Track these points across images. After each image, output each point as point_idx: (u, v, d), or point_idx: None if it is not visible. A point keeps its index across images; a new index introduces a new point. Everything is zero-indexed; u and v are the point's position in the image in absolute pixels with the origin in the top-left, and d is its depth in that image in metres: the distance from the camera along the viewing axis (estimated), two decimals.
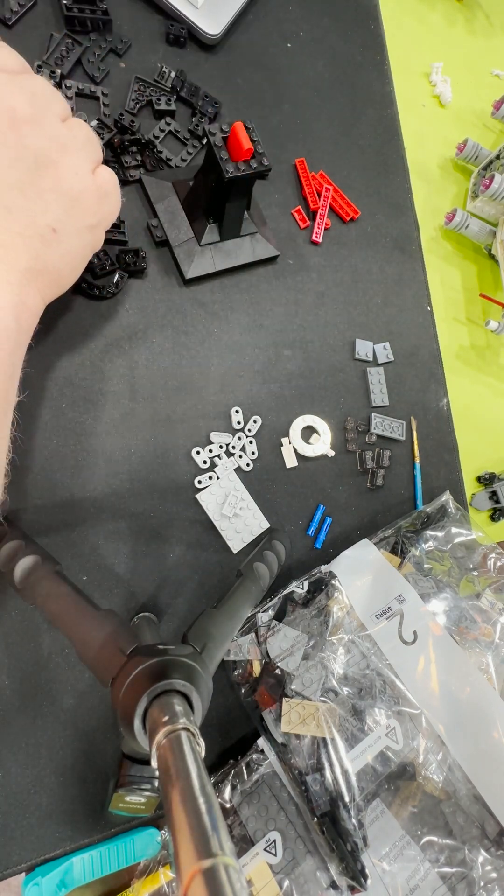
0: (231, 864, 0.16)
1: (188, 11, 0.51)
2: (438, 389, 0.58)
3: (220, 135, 0.40)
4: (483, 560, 0.49)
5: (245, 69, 0.55)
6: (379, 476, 0.53)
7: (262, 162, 0.41)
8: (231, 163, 0.40)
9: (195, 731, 0.22)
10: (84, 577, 0.42)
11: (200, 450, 0.46)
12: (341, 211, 0.57)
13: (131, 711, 0.24)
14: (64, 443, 0.42)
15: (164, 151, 0.49)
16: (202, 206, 0.46)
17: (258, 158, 0.41)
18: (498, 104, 0.91)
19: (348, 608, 0.44)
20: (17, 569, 0.34)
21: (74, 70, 0.47)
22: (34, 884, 0.38)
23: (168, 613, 0.44)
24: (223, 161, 0.40)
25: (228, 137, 0.40)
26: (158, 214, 0.46)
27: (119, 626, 0.31)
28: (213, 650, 0.31)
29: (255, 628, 0.44)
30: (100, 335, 0.45)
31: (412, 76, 0.92)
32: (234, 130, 0.40)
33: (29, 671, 0.39)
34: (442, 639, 0.43)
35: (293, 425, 0.50)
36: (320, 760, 0.38)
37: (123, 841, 0.41)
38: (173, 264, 0.48)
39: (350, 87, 0.61)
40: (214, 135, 0.40)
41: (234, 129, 0.40)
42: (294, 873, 0.38)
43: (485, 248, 0.87)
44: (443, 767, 0.40)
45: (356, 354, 0.55)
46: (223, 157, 0.40)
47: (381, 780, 0.39)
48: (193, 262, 0.46)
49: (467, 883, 0.37)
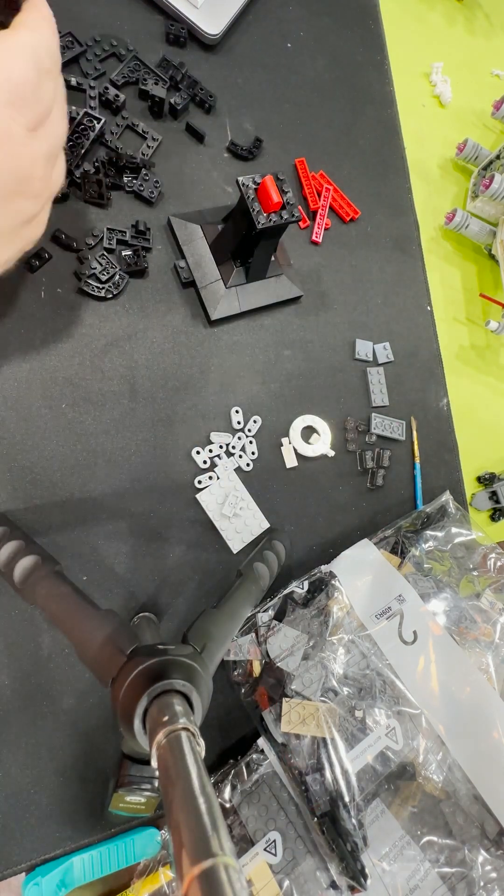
0: (231, 864, 0.16)
1: (188, 11, 0.51)
2: (438, 389, 0.58)
3: (252, 186, 0.41)
4: (483, 560, 0.49)
5: (245, 69, 0.55)
6: (379, 476, 0.53)
7: (292, 213, 0.42)
8: (263, 214, 0.41)
9: (195, 731, 0.22)
10: (84, 577, 0.42)
11: (200, 450, 0.46)
12: (341, 211, 0.57)
13: (131, 711, 0.24)
14: (64, 443, 0.42)
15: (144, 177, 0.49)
16: (230, 251, 0.47)
17: (289, 210, 0.42)
18: (498, 104, 0.91)
19: (348, 608, 0.44)
20: (17, 569, 0.34)
21: (70, 67, 0.48)
22: (34, 884, 0.38)
23: (168, 613, 0.44)
24: (255, 213, 0.41)
25: (259, 189, 0.41)
26: (186, 256, 0.47)
27: (119, 626, 0.31)
28: (213, 650, 0.31)
29: (255, 628, 0.44)
30: (100, 335, 0.45)
31: (412, 76, 0.92)
32: (265, 184, 0.40)
33: (29, 671, 0.39)
34: (442, 639, 0.43)
35: (293, 425, 0.50)
36: (320, 760, 0.38)
37: (123, 841, 0.41)
38: (199, 304, 0.48)
39: (350, 87, 0.61)
40: (247, 186, 0.41)
41: (265, 182, 0.40)
42: (294, 873, 0.38)
43: (485, 248, 0.87)
44: (443, 767, 0.40)
45: (356, 354, 0.55)
46: (255, 209, 0.41)
47: (381, 780, 0.39)
48: (219, 304, 0.47)
49: (467, 883, 0.37)
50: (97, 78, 0.48)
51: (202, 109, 0.52)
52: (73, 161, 0.45)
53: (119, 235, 0.46)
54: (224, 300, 0.47)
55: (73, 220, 0.46)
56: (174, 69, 0.50)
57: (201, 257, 0.47)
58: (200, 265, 0.47)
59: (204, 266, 0.47)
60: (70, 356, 0.44)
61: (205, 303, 0.47)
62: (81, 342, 0.44)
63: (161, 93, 0.48)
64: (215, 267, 0.47)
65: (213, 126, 0.52)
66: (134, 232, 0.47)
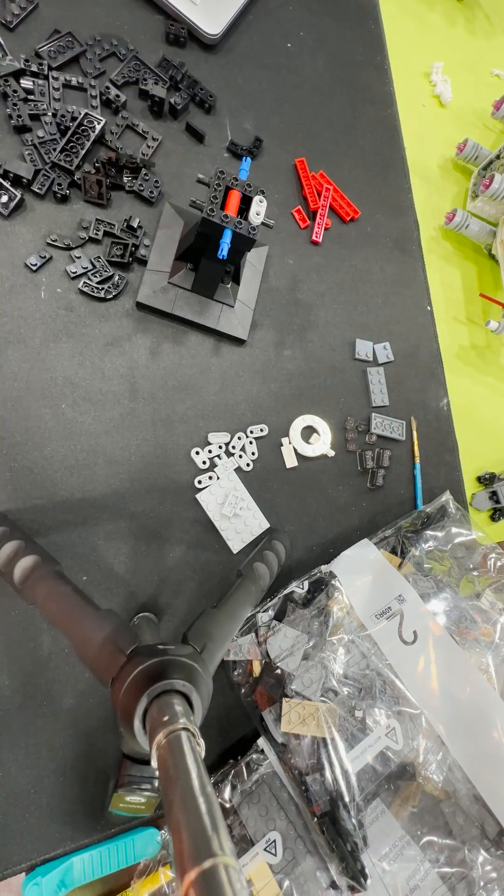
0: (231, 864, 0.16)
1: (188, 11, 0.51)
2: (438, 389, 0.58)
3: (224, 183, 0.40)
4: (483, 560, 0.49)
5: (245, 69, 0.55)
6: (379, 476, 0.53)
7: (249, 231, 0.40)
8: (219, 211, 0.39)
9: (195, 731, 0.22)
10: (84, 577, 0.42)
11: (200, 450, 0.46)
12: (341, 211, 0.57)
13: (131, 711, 0.24)
14: (64, 443, 0.42)
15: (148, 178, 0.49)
16: (185, 248, 0.46)
17: (245, 227, 0.40)
18: (498, 104, 0.91)
19: (348, 608, 0.44)
20: (17, 569, 0.34)
21: (70, 67, 0.47)
22: (34, 884, 0.38)
23: (168, 613, 0.44)
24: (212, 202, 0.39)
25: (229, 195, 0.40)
26: (155, 238, 0.47)
27: (119, 626, 0.30)
28: (213, 650, 0.31)
29: (255, 628, 0.44)
30: (100, 335, 0.45)
31: (412, 76, 0.92)
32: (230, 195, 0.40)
33: (29, 671, 0.39)
34: (442, 639, 0.43)
35: (293, 425, 0.50)
36: (320, 760, 0.38)
37: (123, 841, 0.41)
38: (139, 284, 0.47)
39: (350, 87, 0.61)
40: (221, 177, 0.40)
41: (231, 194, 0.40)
42: (294, 873, 0.38)
43: (485, 248, 0.87)
44: (443, 767, 0.40)
45: (356, 354, 0.55)
46: (213, 199, 0.39)
47: (381, 780, 0.39)
48: (153, 293, 0.46)
49: (467, 883, 0.37)
50: (97, 77, 0.48)
51: (202, 109, 0.52)
52: (74, 162, 0.45)
53: (107, 227, 0.46)
54: (160, 292, 0.46)
55: (72, 220, 0.46)
56: (174, 69, 0.50)
57: (167, 246, 0.47)
58: (160, 252, 0.47)
59: (162, 254, 0.47)
60: (70, 356, 0.44)
61: (141, 284, 0.46)
62: (81, 342, 0.44)
63: (161, 93, 0.48)
64: (172, 260, 0.47)
65: (213, 126, 0.52)
66: (125, 226, 0.46)
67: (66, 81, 0.46)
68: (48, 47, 0.46)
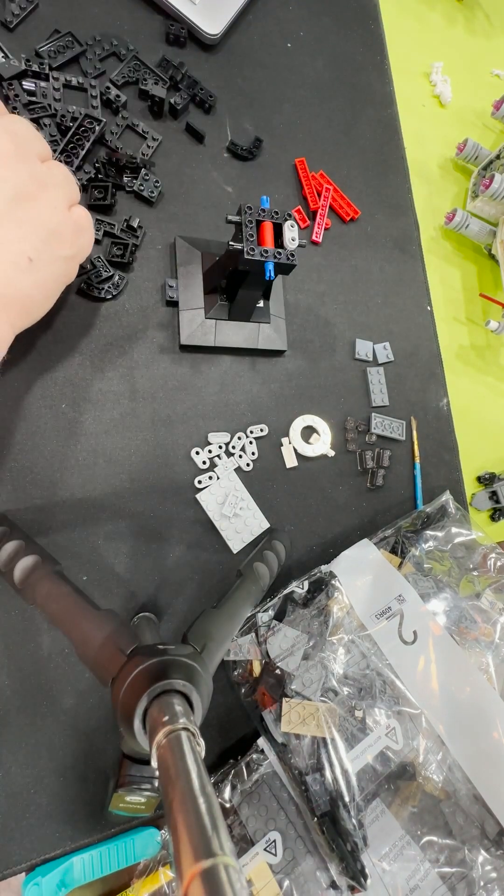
0: (231, 864, 0.16)
1: (188, 10, 0.51)
2: (438, 389, 0.58)
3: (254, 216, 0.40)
4: (483, 560, 0.49)
5: (245, 69, 0.55)
6: (379, 476, 0.53)
7: (288, 258, 0.41)
8: (259, 247, 0.40)
9: (195, 731, 0.22)
10: (84, 577, 0.42)
11: (200, 450, 0.46)
12: (341, 211, 0.57)
13: (131, 711, 0.24)
14: (64, 443, 0.42)
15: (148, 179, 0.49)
16: (218, 282, 0.46)
17: (283, 255, 0.41)
18: (498, 104, 0.91)
19: (348, 608, 0.44)
20: (17, 569, 0.34)
21: (70, 67, 0.47)
22: (34, 884, 0.38)
23: (168, 613, 0.44)
24: (248, 241, 0.40)
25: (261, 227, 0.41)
26: (178, 276, 0.47)
27: (119, 626, 0.31)
28: (213, 650, 0.31)
29: (255, 628, 0.44)
30: (100, 335, 0.45)
31: (412, 76, 0.92)
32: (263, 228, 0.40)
33: (29, 671, 0.39)
34: (442, 639, 0.43)
35: (293, 425, 0.50)
36: (320, 760, 0.38)
37: (123, 841, 0.41)
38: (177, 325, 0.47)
39: (350, 87, 0.61)
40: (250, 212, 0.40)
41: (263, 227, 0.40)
42: (294, 873, 0.38)
43: (485, 248, 0.87)
44: (443, 767, 0.40)
45: (356, 354, 0.55)
46: (249, 237, 0.40)
47: (381, 780, 0.39)
48: (193, 331, 0.46)
49: (467, 883, 0.37)
50: (97, 77, 0.48)
51: (202, 109, 0.52)
52: (75, 162, 0.45)
53: (107, 227, 0.46)
54: (199, 329, 0.47)
55: None
56: (174, 69, 0.50)
57: (192, 282, 0.47)
58: (188, 290, 0.47)
59: (192, 291, 0.47)
60: (70, 356, 0.44)
61: (180, 326, 0.47)
62: (81, 342, 0.44)
63: (161, 93, 0.48)
64: (202, 294, 0.47)
65: (213, 126, 0.52)
66: (125, 226, 0.46)
67: (67, 81, 0.46)
68: (48, 47, 0.46)
